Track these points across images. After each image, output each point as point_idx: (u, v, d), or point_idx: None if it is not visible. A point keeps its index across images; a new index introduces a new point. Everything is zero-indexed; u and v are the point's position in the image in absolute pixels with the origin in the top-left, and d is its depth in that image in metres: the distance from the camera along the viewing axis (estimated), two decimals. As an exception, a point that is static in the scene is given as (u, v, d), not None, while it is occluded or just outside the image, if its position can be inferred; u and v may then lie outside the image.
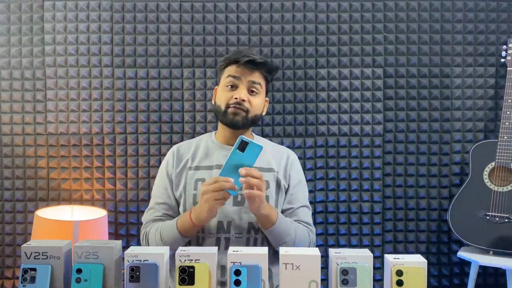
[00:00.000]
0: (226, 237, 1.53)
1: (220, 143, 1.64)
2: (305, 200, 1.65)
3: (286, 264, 1.11)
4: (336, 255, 1.12)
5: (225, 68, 1.60)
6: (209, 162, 1.60)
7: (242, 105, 1.54)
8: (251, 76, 1.56)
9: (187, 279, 1.10)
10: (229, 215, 1.54)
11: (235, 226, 1.54)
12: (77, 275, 1.12)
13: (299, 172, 1.67)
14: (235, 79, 1.56)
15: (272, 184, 1.58)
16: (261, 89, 1.59)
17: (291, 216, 1.59)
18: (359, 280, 1.10)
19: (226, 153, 1.56)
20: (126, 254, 1.12)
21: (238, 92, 1.54)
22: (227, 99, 1.56)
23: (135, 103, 2.36)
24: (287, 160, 1.65)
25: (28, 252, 1.14)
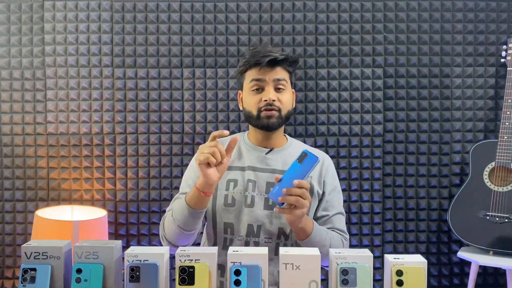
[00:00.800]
0: (255, 241, 1.50)
1: (253, 144, 1.60)
2: (340, 207, 1.60)
3: (286, 264, 1.11)
4: (336, 255, 1.12)
5: (246, 72, 1.55)
6: (242, 163, 1.56)
7: (274, 105, 1.50)
8: (274, 74, 1.51)
9: (187, 279, 1.10)
10: (259, 219, 1.50)
11: (265, 230, 1.50)
12: (77, 275, 1.12)
13: (334, 178, 1.62)
14: (259, 82, 1.51)
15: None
16: (287, 84, 1.54)
17: (326, 224, 1.55)
18: (359, 280, 1.10)
19: (258, 154, 1.56)
20: (126, 254, 1.12)
21: (266, 93, 1.50)
22: (256, 103, 1.51)
23: (135, 103, 2.36)
24: (322, 166, 1.59)
25: (28, 252, 1.14)
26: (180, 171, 2.36)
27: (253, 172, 1.53)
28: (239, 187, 1.52)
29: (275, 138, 1.58)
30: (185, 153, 2.37)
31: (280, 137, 1.61)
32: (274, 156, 1.56)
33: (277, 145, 1.59)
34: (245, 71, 1.55)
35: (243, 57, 1.58)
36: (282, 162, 1.55)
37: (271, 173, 1.53)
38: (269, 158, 1.56)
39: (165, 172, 2.36)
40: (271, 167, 1.54)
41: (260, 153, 1.56)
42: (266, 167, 1.54)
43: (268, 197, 1.41)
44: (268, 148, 1.58)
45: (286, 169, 1.38)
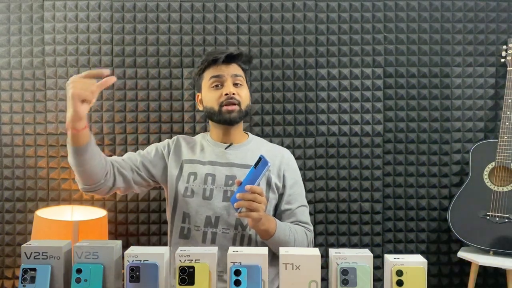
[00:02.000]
0: (213, 231, 1.56)
1: (214, 140, 1.70)
2: (302, 200, 1.67)
3: (286, 264, 1.11)
4: (336, 255, 1.12)
5: (204, 72, 1.65)
6: (203, 158, 1.65)
7: (234, 98, 1.59)
8: (232, 70, 1.61)
9: (187, 279, 1.11)
10: (217, 211, 1.57)
11: (223, 221, 1.56)
12: (77, 275, 1.12)
13: (295, 172, 1.69)
14: (218, 78, 1.61)
15: (263, 183, 1.60)
16: (243, 80, 1.65)
17: (289, 217, 1.62)
18: (359, 280, 1.10)
19: (218, 149, 1.66)
20: (126, 254, 1.12)
21: (226, 88, 1.59)
22: (217, 98, 1.60)
23: (135, 103, 2.36)
24: (282, 160, 1.67)
25: (28, 252, 1.14)
26: (180, 171, 2.36)
27: (212, 166, 1.62)
28: (198, 180, 1.60)
29: (234, 134, 1.68)
30: (185, 153, 2.37)
31: (240, 133, 1.70)
32: (233, 151, 1.65)
33: (236, 141, 1.69)
34: (203, 71, 1.65)
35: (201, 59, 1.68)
36: (241, 157, 1.64)
37: (230, 167, 1.61)
38: (228, 152, 1.65)
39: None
40: (229, 161, 1.63)
41: (220, 148, 1.66)
42: (225, 161, 1.63)
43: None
44: (227, 143, 1.67)
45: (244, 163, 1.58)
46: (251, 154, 1.64)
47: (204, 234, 1.56)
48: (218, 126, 1.66)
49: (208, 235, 1.56)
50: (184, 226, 1.59)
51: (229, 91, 1.58)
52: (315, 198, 2.37)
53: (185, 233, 1.59)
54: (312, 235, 1.64)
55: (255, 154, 1.61)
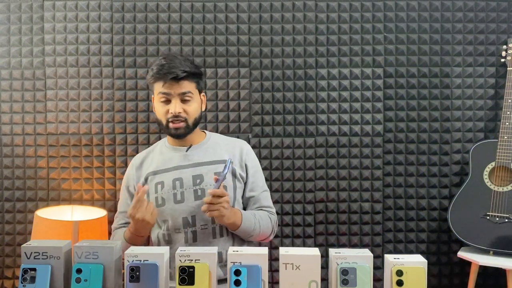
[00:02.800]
0: (192, 230, 1.63)
1: (172, 146, 1.74)
2: (263, 185, 1.76)
3: (286, 264, 1.11)
4: (336, 255, 1.12)
5: (154, 83, 1.66)
6: (166, 165, 1.70)
7: (180, 117, 1.63)
8: (179, 88, 1.62)
9: (187, 279, 1.11)
10: (192, 210, 1.64)
11: (200, 219, 1.63)
12: (77, 275, 1.12)
13: (254, 161, 1.77)
14: (166, 95, 1.63)
15: (228, 175, 1.67)
16: (193, 95, 1.66)
17: (254, 203, 1.71)
18: (359, 280, 1.10)
19: (179, 153, 1.70)
20: (126, 254, 1.12)
21: (172, 106, 1.63)
22: (164, 114, 1.65)
23: (135, 103, 2.36)
24: (241, 151, 1.74)
25: (28, 252, 1.14)
26: (180, 171, 2.36)
27: (177, 170, 1.67)
28: (166, 187, 1.66)
29: (190, 137, 1.72)
30: (185, 153, 2.37)
31: (196, 134, 1.74)
32: (194, 152, 1.71)
33: (195, 141, 1.73)
34: (153, 81, 1.67)
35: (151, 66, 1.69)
36: (203, 155, 1.70)
37: (195, 167, 1.67)
38: (190, 154, 1.70)
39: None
40: (193, 162, 1.68)
41: (181, 152, 1.71)
42: (189, 163, 1.68)
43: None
44: (187, 145, 1.72)
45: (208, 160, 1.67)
46: (212, 151, 1.71)
47: (185, 234, 1.63)
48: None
49: (189, 235, 1.63)
50: (164, 233, 1.66)
51: (175, 111, 1.62)
52: (315, 198, 2.37)
53: (167, 239, 1.66)
54: (275, 217, 1.73)
55: (216, 150, 1.71)
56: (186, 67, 1.62)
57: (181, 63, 1.63)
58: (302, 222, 2.37)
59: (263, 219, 1.66)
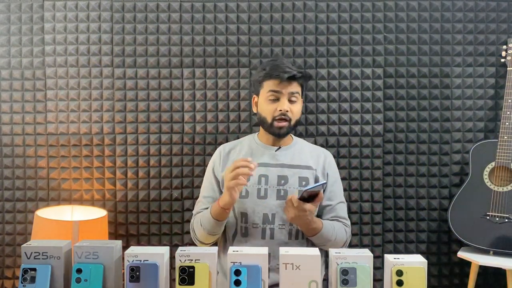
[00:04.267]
0: (270, 227, 1.69)
1: (264, 143, 1.80)
2: (341, 196, 1.81)
3: (286, 264, 1.11)
4: (336, 255, 1.12)
5: (264, 82, 1.73)
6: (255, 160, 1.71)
7: (286, 115, 1.70)
8: (290, 88, 1.70)
9: (187, 279, 1.11)
10: (273, 208, 1.70)
11: (279, 218, 1.69)
12: (77, 275, 1.12)
13: (335, 171, 1.83)
14: (277, 93, 1.70)
15: (311, 181, 1.74)
16: (299, 96, 1.74)
17: (330, 212, 1.76)
18: (359, 280, 1.10)
19: (269, 152, 1.77)
20: (126, 254, 1.12)
21: (281, 104, 1.70)
22: (271, 112, 1.71)
23: (135, 103, 2.36)
24: (325, 160, 1.81)
25: (28, 252, 1.14)
26: (180, 171, 2.36)
27: (264, 167, 1.73)
28: (251, 181, 1.71)
29: (284, 139, 1.80)
30: (185, 153, 2.37)
31: (287, 137, 1.81)
32: (282, 153, 1.78)
33: (284, 143, 1.81)
34: (263, 80, 1.74)
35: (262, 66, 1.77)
36: (290, 158, 1.77)
37: (281, 167, 1.74)
38: (278, 154, 1.77)
39: (165, 172, 2.36)
40: (280, 162, 1.75)
41: (270, 151, 1.78)
42: (276, 163, 1.75)
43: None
44: (277, 146, 1.79)
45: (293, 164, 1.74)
46: (298, 155, 1.78)
47: (262, 230, 1.69)
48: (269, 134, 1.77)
49: (266, 231, 1.69)
50: (242, 225, 1.71)
51: (283, 108, 1.69)
52: (315, 198, 2.36)
53: (243, 231, 1.71)
54: (350, 230, 1.77)
55: (302, 155, 1.78)
56: (298, 69, 1.71)
57: (291, 66, 1.71)
58: (302, 222, 2.37)
59: (340, 230, 1.71)
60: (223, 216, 1.62)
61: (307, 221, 1.58)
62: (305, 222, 1.58)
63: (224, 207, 1.58)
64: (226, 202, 1.57)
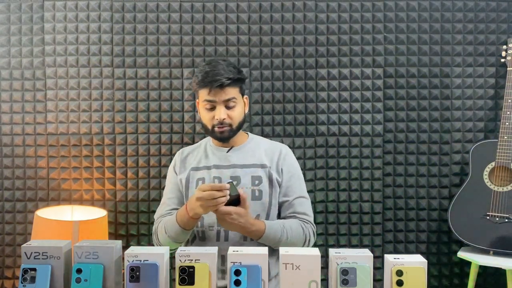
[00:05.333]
0: (225, 229, 1.63)
1: (216, 146, 1.77)
2: (301, 192, 1.74)
3: (286, 264, 1.11)
4: (336, 255, 1.12)
5: (199, 90, 1.68)
6: (208, 163, 1.74)
7: (224, 123, 1.66)
8: (224, 95, 1.64)
9: (187, 279, 1.11)
10: None
11: None
12: (77, 275, 1.12)
13: (292, 166, 1.76)
14: (211, 102, 1.66)
15: (265, 180, 1.69)
16: (237, 100, 1.68)
17: (288, 208, 1.70)
18: (359, 280, 1.10)
19: (220, 153, 1.74)
20: (126, 254, 1.12)
21: (217, 113, 1.65)
22: (210, 120, 1.68)
23: (135, 103, 2.36)
24: (280, 155, 1.75)
25: (28, 252, 1.14)
26: (180, 171, 2.36)
27: (217, 169, 1.71)
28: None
29: (234, 139, 1.74)
30: (185, 153, 2.37)
31: (239, 136, 1.76)
32: (234, 154, 1.73)
33: (237, 143, 1.76)
34: (197, 89, 1.70)
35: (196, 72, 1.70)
36: (242, 157, 1.73)
37: (233, 168, 1.71)
38: (230, 155, 1.73)
39: (164, 172, 2.36)
40: (232, 163, 1.71)
41: (222, 152, 1.74)
42: (229, 164, 1.71)
43: None
44: (229, 147, 1.75)
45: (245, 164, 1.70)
46: (252, 154, 1.74)
47: (217, 232, 1.65)
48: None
49: (221, 233, 1.65)
50: (198, 229, 1.67)
51: (220, 118, 1.64)
52: (315, 198, 2.37)
53: (200, 235, 1.68)
54: (312, 226, 1.69)
55: (255, 153, 1.74)
56: (230, 73, 1.63)
57: (225, 70, 1.63)
58: (302, 222, 2.37)
59: (293, 227, 1.63)
60: (190, 225, 1.57)
61: (241, 225, 1.51)
62: (239, 226, 1.51)
63: (194, 216, 1.53)
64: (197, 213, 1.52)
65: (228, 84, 1.63)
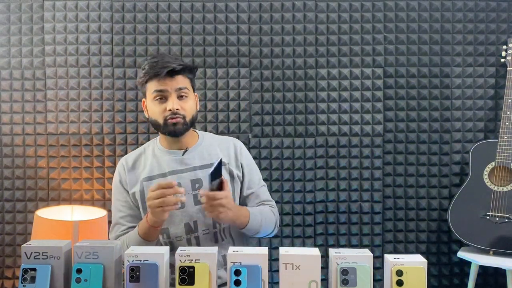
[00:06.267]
0: (195, 236, 1.60)
1: (167, 149, 1.66)
2: (260, 180, 1.73)
3: (286, 264, 1.11)
4: (336, 255, 1.12)
5: (147, 83, 1.59)
6: (162, 169, 1.63)
7: (178, 113, 1.57)
8: (176, 83, 1.57)
9: (187, 279, 1.11)
10: (193, 215, 1.60)
11: (202, 224, 1.60)
12: (77, 275, 1.12)
13: (248, 158, 1.73)
14: (162, 92, 1.57)
15: (226, 177, 1.63)
16: (189, 92, 1.61)
17: (255, 199, 1.67)
18: (359, 280, 1.10)
19: (175, 157, 1.63)
20: (126, 254, 1.12)
21: (170, 103, 1.56)
22: (161, 112, 1.58)
23: (135, 103, 2.36)
24: (235, 150, 1.69)
25: (28, 252, 1.14)
26: (180, 171, 2.36)
27: (175, 175, 1.61)
28: None
29: (186, 139, 1.65)
30: (185, 153, 2.37)
31: (190, 136, 1.68)
32: (190, 155, 1.64)
33: (190, 144, 1.67)
34: (146, 82, 1.60)
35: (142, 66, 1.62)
36: (199, 158, 1.64)
37: (192, 171, 1.62)
38: (186, 158, 1.64)
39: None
40: (191, 166, 1.63)
41: (176, 155, 1.64)
42: (186, 167, 1.62)
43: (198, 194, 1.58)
44: (183, 149, 1.65)
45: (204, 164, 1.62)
46: (208, 153, 1.66)
47: (188, 241, 1.59)
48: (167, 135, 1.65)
49: (192, 241, 1.59)
50: (165, 240, 1.61)
51: (173, 108, 1.56)
52: (315, 198, 2.37)
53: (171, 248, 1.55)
54: (277, 210, 1.71)
55: (211, 152, 1.66)
56: (179, 61, 1.59)
57: (173, 59, 1.59)
58: (302, 223, 2.37)
59: (267, 214, 1.63)
60: (153, 235, 1.50)
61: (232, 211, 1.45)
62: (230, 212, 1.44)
63: (153, 225, 1.46)
64: (155, 221, 1.45)
65: (179, 71, 1.56)
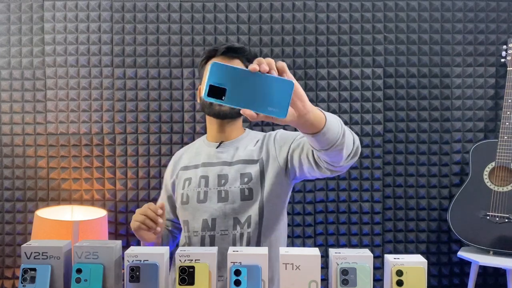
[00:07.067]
0: (210, 235, 1.50)
1: (209, 141, 1.64)
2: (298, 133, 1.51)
3: (286, 264, 1.11)
4: (336, 255, 1.12)
5: (206, 64, 1.60)
6: (197, 161, 1.61)
7: None
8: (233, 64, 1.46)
9: (187, 279, 1.10)
10: (214, 213, 1.51)
11: (221, 223, 1.50)
12: (77, 275, 1.12)
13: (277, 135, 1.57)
14: None
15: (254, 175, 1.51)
16: None
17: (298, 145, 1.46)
18: (359, 280, 1.10)
19: (210, 149, 1.60)
20: (126, 254, 1.12)
21: None
22: None
23: (135, 103, 2.36)
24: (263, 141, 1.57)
25: (28, 252, 1.14)
26: (180, 171, 2.36)
27: (205, 168, 1.57)
28: (192, 185, 1.56)
29: (229, 131, 1.60)
30: (185, 153, 2.37)
31: (236, 129, 1.61)
32: (224, 149, 1.59)
33: (231, 137, 1.61)
34: (205, 63, 1.60)
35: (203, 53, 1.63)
36: (232, 153, 1.56)
37: (222, 165, 1.55)
38: (219, 151, 1.59)
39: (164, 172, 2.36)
40: (221, 160, 1.56)
41: (212, 148, 1.60)
42: (216, 161, 1.57)
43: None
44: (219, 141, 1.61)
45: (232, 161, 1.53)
46: (242, 149, 1.57)
47: (202, 238, 1.51)
48: (212, 121, 1.60)
49: (206, 239, 1.51)
50: (185, 234, 1.56)
51: None
52: (315, 198, 2.37)
53: (187, 241, 1.55)
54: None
55: (247, 147, 1.57)
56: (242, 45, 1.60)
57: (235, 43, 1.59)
58: (302, 222, 2.38)
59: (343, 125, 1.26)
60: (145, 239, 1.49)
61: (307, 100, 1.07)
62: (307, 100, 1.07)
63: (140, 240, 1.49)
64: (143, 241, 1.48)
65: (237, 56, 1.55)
